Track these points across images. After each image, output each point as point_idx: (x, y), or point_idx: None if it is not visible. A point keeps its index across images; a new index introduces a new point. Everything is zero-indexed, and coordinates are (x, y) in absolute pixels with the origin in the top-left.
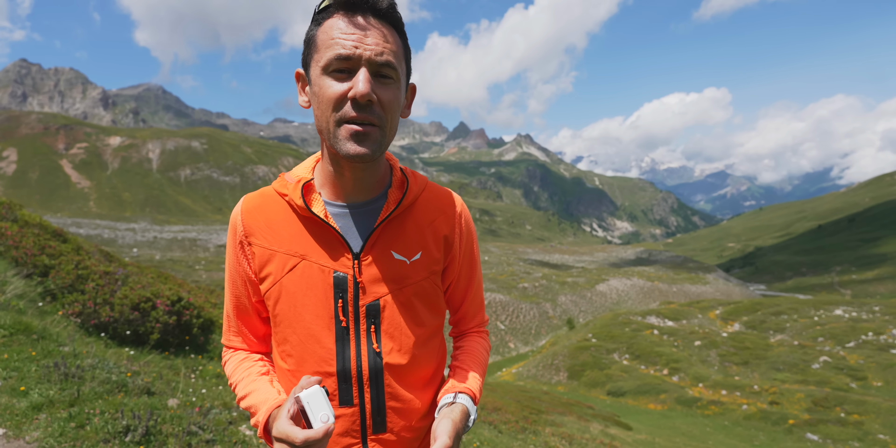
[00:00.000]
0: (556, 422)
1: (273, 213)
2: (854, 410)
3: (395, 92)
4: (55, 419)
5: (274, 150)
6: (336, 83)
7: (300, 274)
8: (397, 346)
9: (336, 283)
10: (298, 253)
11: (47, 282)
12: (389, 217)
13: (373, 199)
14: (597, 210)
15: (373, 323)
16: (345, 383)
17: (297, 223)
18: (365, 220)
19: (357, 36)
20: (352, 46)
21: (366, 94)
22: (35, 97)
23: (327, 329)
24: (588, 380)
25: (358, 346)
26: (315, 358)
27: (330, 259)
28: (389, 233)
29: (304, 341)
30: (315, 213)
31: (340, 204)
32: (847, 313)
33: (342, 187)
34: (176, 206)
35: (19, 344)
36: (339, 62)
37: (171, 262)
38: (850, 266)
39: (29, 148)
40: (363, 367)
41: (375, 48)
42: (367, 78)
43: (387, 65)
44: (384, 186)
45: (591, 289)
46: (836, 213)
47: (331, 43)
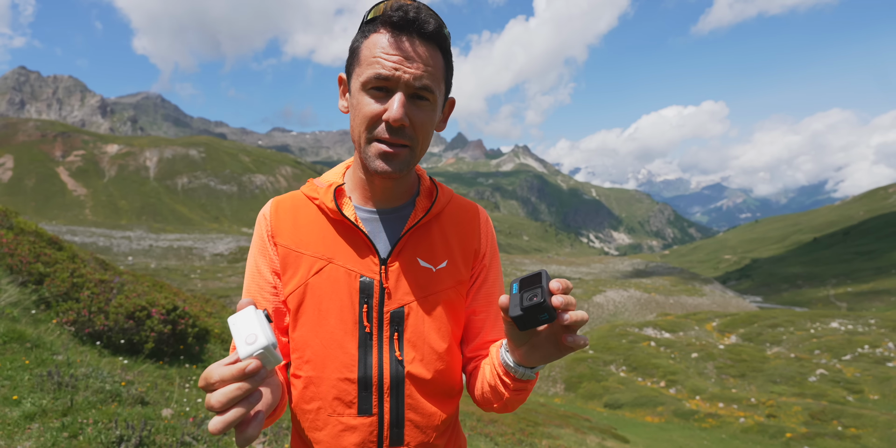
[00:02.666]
0: (553, 434)
1: (302, 216)
2: (851, 424)
3: (430, 113)
4: (48, 429)
5: (272, 160)
6: (373, 102)
7: (326, 277)
8: (419, 355)
9: (362, 287)
10: (326, 256)
11: (42, 290)
12: (417, 224)
13: (401, 206)
14: (594, 221)
15: (396, 330)
16: (365, 391)
17: (326, 226)
18: (393, 226)
19: (398, 58)
20: (392, 68)
21: (399, 118)
22: (33, 104)
23: (350, 334)
24: (585, 392)
25: (380, 354)
26: (337, 363)
27: (357, 263)
28: (416, 240)
29: (326, 345)
30: (346, 215)
31: (370, 209)
32: (843, 326)
33: (372, 194)
34: (172, 214)
35: (13, 352)
36: (378, 81)
37: (166, 270)
38: (845, 279)
39: (25, 155)
40: (384, 375)
41: (415, 72)
42: (402, 102)
43: (424, 88)
44: (412, 194)
45: (588, 300)
46: (831, 226)
47: (373, 60)
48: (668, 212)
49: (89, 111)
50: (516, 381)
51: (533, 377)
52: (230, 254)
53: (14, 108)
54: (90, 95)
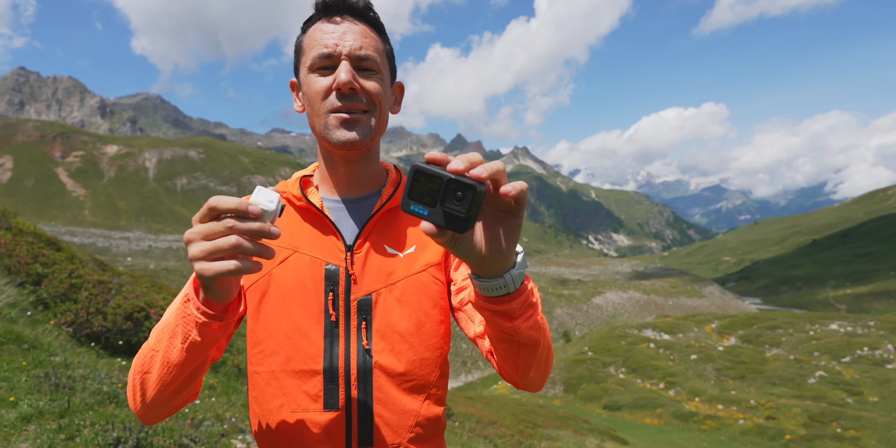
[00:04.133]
0: (552, 436)
1: None
2: (850, 426)
3: (380, 82)
4: (44, 430)
5: (271, 161)
6: (321, 78)
7: (291, 266)
8: (389, 345)
9: (327, 275)
10: (291, 245)
11: (40, 290)
12: (381, 210)
13: (367, 195)
14: (593, 223)
15: (364, 319)
16: (331, 383)
17: (294, 216)
18: (359, 214)
19: (337, 34)
20: (332, 44)
21: (347, 82)
22: (33, 105)
23: (316, 323)
24: (584, 393)
25: (347, 343)
26: (301, 354)
27: (322, 251)
28: (382, 226)
29: (290, 336)
30: (311, 202)
31: (336, 199)
32: (842, 328)
33: (337, 183)
34: (171, 215)
35: (10, 353)
36: (322, 59)
37: (165, 271)
38: (844, 280)
39: (25, 155)
40: (351, 366)
41: (354, 43)
42: (348, 69)
43: (367, 58)
44: (379, 184)
45: (588, 301)
46: (830, 228)
47: (314, 44)
48: (667, 213)
49: (89, 112)
50: (494, 302)
51: (511, 287)
52: None
53: (13, 108)
54: (90, 96)
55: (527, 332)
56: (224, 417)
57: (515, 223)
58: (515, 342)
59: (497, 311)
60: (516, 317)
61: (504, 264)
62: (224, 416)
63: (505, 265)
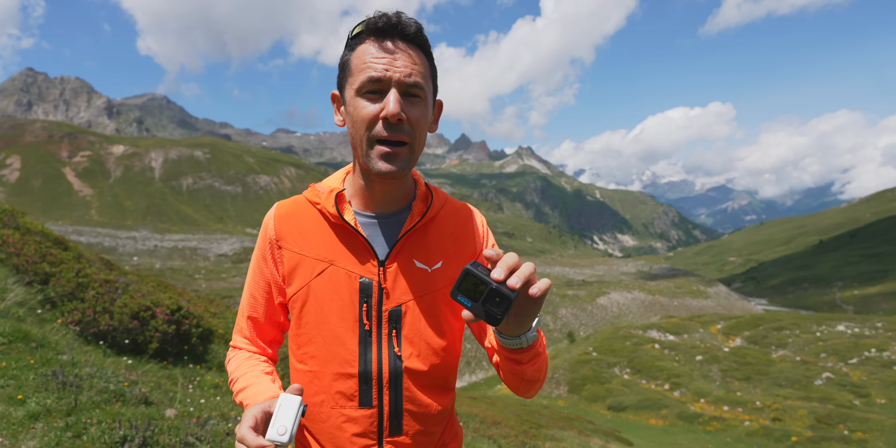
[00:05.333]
0: (556, 436)
1: (304, 220)
2: (857, 428)
3: (423, 110)
4: (52, 428)
5: (276, 161)
6: (369, 104)
7: (328, 278)
8: (416, 351)
9: (361, 288)
10: (327, 258)
11: (47, 289)
12: (414, 228)
13: (398, 210)
14: (598, 223)
15: (394, 328)
16: (365, 385)
17: (328, 230)
18: (390, 229)
19: (387, 59)
20: (382, 69)
21: (396, 113)
22: (40, 105)
23: (351, 332)
24: (588, 394)
25: (380, 350)
26: (338, 359)
27: (357, 265)
28: (413, 242)
29: (328, 343)
30: (346, 220)
31: (369, 214)
32: (850, 329)
33: (371, 199)
34: (177, 214)
35: (18, 352)
36: (372, 84)
37: (171, 270)
38: (852, 281)
39: (32, 156)
40: (383, 370)
41: (404, 70)
42: (397, 99)
43: (415, 85)
44: (409, 199)
45: (592, 302)
46: (837, 229)
47: (363, 67)
48: (672, 214)
49: (95, 112)
50: (509, 351)
51: (525, 344)
52: (234, 254)
53: (21, 109)
54: (96, 96)
55: (532, 373)
56: (229, 416)
57: (536, 307)
58: (519, 377)
59: (510, 357)
60: (525, 363)
61: (522, 331)
62: (229, 414)
63: (523, 331)
